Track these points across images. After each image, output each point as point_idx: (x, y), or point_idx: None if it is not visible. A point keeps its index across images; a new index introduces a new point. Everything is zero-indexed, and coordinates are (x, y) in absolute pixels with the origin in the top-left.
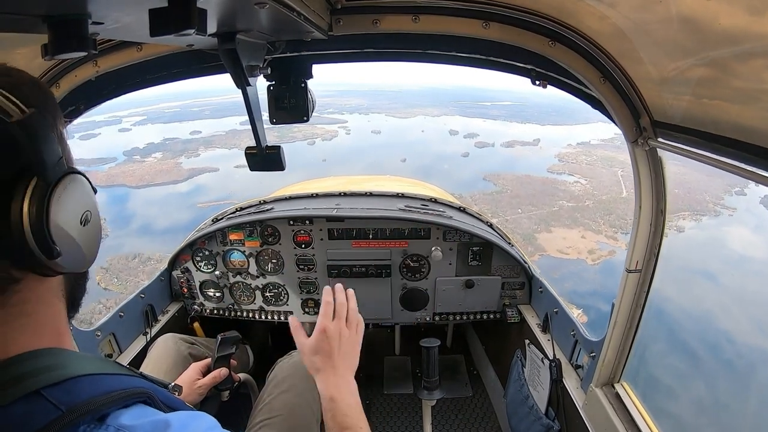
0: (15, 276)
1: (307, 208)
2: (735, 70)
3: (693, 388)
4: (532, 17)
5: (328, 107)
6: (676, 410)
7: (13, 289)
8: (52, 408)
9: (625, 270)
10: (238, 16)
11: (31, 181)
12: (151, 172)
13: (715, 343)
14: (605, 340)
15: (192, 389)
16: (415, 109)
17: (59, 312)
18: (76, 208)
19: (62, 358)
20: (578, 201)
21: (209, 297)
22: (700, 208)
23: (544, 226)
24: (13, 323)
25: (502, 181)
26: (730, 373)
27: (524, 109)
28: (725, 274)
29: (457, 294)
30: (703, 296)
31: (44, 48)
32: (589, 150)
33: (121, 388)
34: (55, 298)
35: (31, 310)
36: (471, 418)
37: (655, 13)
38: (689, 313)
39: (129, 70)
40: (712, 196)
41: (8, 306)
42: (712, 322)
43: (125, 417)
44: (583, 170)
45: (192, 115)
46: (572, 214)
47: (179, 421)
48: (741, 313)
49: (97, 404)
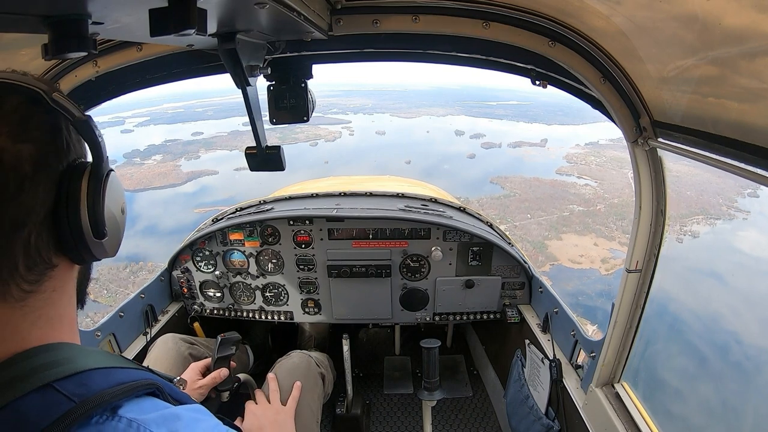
0: (54, 261)
1: (307, 208)
2: (736, 69)
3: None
4: (532, 17)
5: (332, 107)
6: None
7: (49, 274)
8: (64, 400)
9: (625, 270)
10: (238, 16)
11: (86, 170)
12: (149, 175)
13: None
14: (605, 340)
15: (192, 389)
16: (420, 109)
17: (74, 305)
18: (119, 198)
19: (73, 352)
20: (589, 205)
21: (209, 297)
22: (714, 211)
23: (554, 233)
24: (39, 311)
25: (510, 184)
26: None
27: (530, 108)
28: (753, 293)
29: (457, 294)
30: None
31: (44, 48)
32: (597, 150)
33: (132, 380)
34: (72, 290)
35: (57, 300)
36: (471, 418)
37: (656, 13)
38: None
39: (129, 70)
40: (725, 199)
41: (40, 292)
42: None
43: (136, 409)
44: (592, 172)
45: (195, 115)
46: (583, 220)
47: (189, 415)
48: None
49: (108, 396)
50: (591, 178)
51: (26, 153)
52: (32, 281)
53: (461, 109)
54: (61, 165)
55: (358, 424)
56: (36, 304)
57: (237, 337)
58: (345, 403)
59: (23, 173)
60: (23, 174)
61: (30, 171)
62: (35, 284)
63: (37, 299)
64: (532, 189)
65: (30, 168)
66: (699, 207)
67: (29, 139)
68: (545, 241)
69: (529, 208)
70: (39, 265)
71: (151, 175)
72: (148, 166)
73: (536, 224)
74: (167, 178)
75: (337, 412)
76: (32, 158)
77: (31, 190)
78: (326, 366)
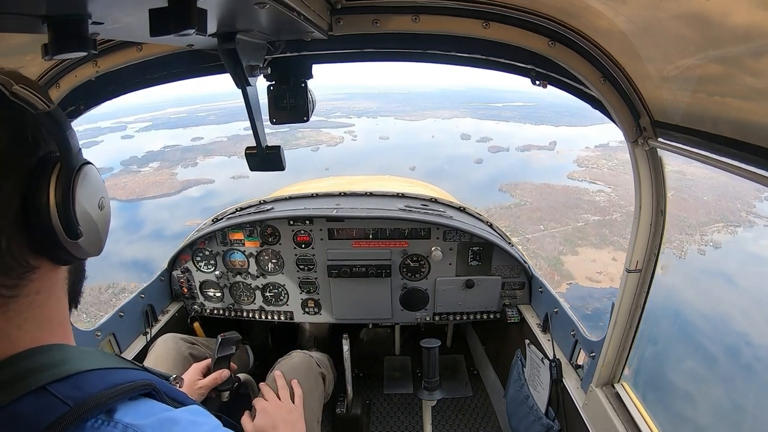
0: (32, 264)
1: (307, 208)
2: (737, 68)
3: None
4: (533, 17)
5: (335, 111)
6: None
7: (30, 277)
8: (59, 403)
9: (625, 270)
10: (238, 16)
11: (56, 166)
12: (143, 184)
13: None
14: (605, 340)
15: (192, 390)
16: (425, 112)
17: (65, 306)
18: (94, 193)
19: (67, 353)
20: (604, 214)
21: (209, 297)
22: (733, 218)
23: (569, 247)
24: (25, 314)
25: (520, 191)
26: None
27: (537, 109)
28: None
29: (457, 294)
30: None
31: (44, 48)
32: (608, 153)
33: (127, 381)
34: (62, 291)
35: (43, 302)
36: (471, 418)
37: (657, 12)
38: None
39: (129, 70)
40: (743, 204)
41: (22, 296)
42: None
43: (132, 414)
44: (605, 176)
45: (197, 120)
46: (599, 231)
47: (186, 418)
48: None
49: (103, 398)
50: (604, 183)
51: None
52: (11, 286)
53: (467, 112)
54: (29, 162)
55: (358, 424)
56: (20, 308)
57: (237, 337)
58: (345, 403)
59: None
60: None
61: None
62: (15, 288)
63: (20, 303)
64: (543, 197)
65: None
66: (718, 214)
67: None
68: (560, 257)
69: (542, 219)
70: (15, 269)
71: (145, 184)
72: (143, 174)
73: (550, 237)
74: (161, 187)
75: (337, 412)
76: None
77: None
78: (326, 366)
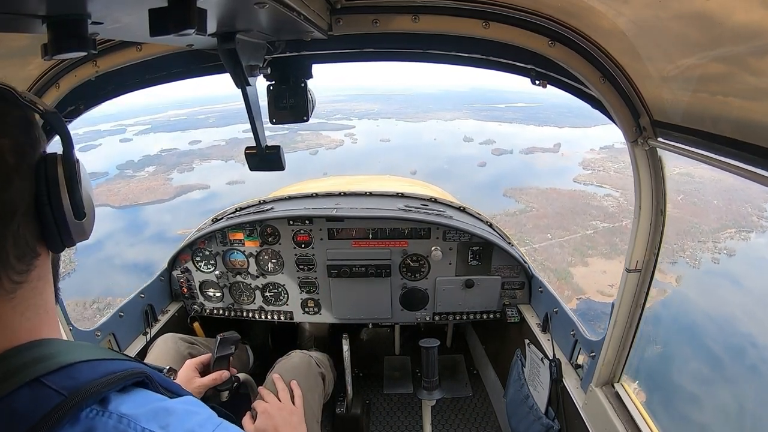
0: (37, 250)
1: (307, 208)
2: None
3: None
4: (533, 17)
5: (335, 113)
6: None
7: (34, 263)
8: (54, 394)
9: (625, 270)
10: (238, 16)
11: (58, 158)
12: (137, 190)
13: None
14: (605, 339)
15: (190, 388)
16: (427, 113)
17: (53, 294)
18: (88, 183)
19: (60, 346)
20: (613, 220)
21: (209, 297)
22: (745, 223)
23: (579, 257)
24: (29, 300)
25: (526, 197)
26: None
27: (540, 110)
28: None
29: (456, 294)
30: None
31: (44, 48)
32: (614, 155)
33: (120, 370)
34: (51, 279)
35: (42, 288)
36: (471, 418)
37: (656, 13)
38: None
39: (129, 70)
40: (754, 208)
41: (27, 282)
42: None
43: (127, 404)
44: (612, 180)
45: (197, 123)
46: (609, 239)
47: (181, 408)
48: None
49: (96, 386)
50: (612, 187)
51: (7, 147)
52: (21, 271)
53: (469, 113)
54: (36, 156)
55: (358, 423)
56: (25, 294)
57: (237, 337)
58: (345, 403)
59: (9, 165)
60: (9, 166)
61: (14, 163)
62: (24, 274)
63: (25, 289)
64: (550, 202)
65: (13, 160)
66: (730, 219)
67: (7, 134)
68: (570, 269)
69: (549, 226)
70: (27, 254)
71: (138, 190)
72: (138, 180)
73: (558, 246)
74: (155, 193)
75: (337, 412)
76: (13, 151)
77: (18, 181)
78: (326, 366)
